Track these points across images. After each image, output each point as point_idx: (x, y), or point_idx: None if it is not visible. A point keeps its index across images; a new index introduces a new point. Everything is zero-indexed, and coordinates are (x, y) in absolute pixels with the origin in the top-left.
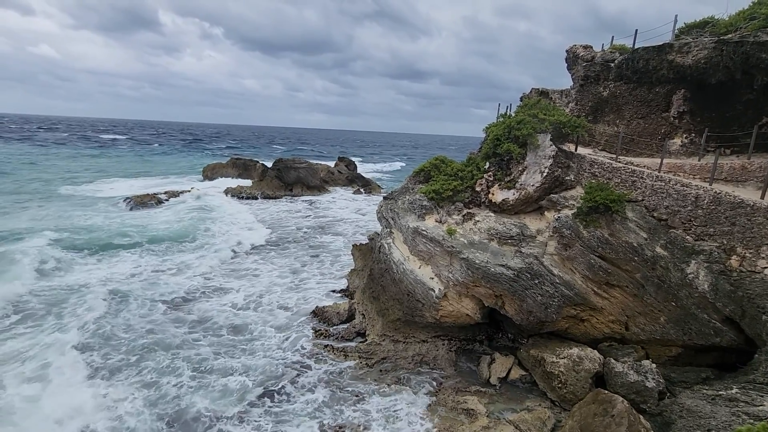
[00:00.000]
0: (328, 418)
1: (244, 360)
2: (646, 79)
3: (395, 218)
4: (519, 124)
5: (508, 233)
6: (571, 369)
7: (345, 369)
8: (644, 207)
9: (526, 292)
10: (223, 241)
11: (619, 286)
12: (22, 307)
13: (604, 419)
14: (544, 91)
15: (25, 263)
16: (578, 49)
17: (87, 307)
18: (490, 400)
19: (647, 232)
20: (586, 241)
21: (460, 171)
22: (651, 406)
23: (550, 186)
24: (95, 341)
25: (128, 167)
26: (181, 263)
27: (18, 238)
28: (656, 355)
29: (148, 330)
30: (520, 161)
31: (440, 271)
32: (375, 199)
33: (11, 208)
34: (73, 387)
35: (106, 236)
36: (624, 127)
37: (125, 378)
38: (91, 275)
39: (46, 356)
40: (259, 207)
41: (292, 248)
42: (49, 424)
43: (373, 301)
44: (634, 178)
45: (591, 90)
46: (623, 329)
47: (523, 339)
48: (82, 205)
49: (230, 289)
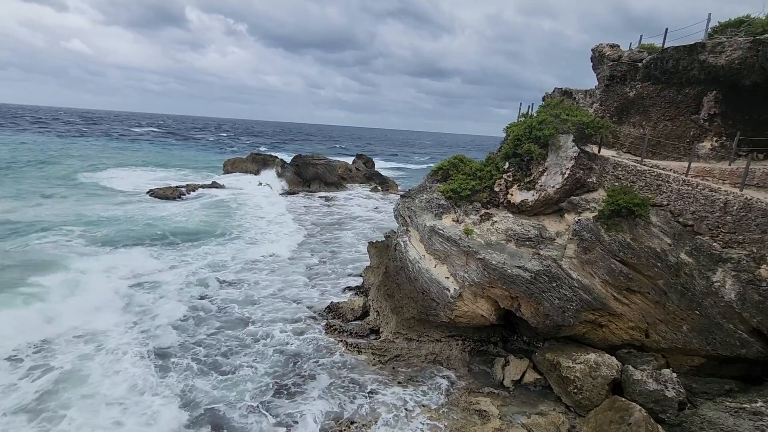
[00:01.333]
0: (339, 412)
1: (256, 353)
2: (676, 80)
3: (412, 216)
4: (541, 125)
5: (526, 235)
6: (587, 375)
7: (358, 365)
8: (669, 212)
9: (543, 295)
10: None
11: (640, 292)
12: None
13: (621, 427)
14: (568, 91)
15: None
16: (604, 48)
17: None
18: (503, 402)
19: (672, 237)
20: (606, 245)
21: (478, 171)
22: (670, 416)
23: (571, 188)
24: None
25: (167, 159)
26: (205, 255)
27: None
28: (677, 364)
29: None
30: (541, 162)
31: (456, 271)
32: (392, 197)
33: (69, 197)
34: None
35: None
36: (650, 129)
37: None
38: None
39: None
40: (276, 201)
41: (309, 244)
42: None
43: (387, 299)
44: (660, 181)
45: (616, 90)
46: (643, 336)
47: (539, 342)
48: (128, 202)
49: (245, 282)
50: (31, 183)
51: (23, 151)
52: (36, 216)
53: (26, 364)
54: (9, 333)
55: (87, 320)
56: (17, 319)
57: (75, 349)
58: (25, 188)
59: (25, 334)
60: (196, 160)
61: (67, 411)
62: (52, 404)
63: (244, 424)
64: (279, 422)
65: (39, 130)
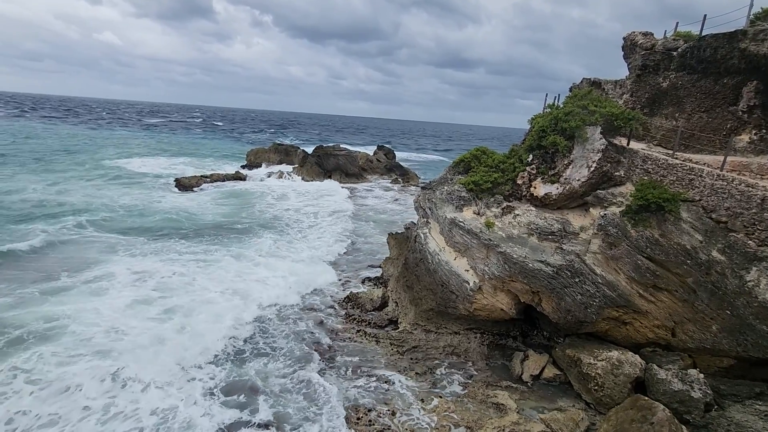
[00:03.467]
0: (356, 400)
1: (277, 342)
2: (713, 69)
3: (432, 208)
4: (567, 116)
5: (549, 229)
6: (609, 372)
7: (376, 355)
8: (701, 207)
9: (565, 291)
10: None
11: (667, 289)
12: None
13: (643, 426)
14: (596, 82)
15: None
16: (637, 36)
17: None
18: (521, 396)
19: (703, 234)
20: (633, 240)
21: (501, 163)
22: (696, 418)
23: (597, 181)
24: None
25: (195, 149)
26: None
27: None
28: (705, 364)
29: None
30: (566, 154)
31: (476, 264)
32: (412, 189)
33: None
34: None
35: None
36: (684, 121)
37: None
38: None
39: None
40: (298, 191)
41: (329, 233)
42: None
43: (406, 290)
44: (692, 176)
45: (649, 80)
46: (669, 335)
47: (559, 338)
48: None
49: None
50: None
51: (65, 140)
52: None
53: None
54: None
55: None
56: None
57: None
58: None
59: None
60: (220, 150)
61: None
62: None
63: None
64: (294, 409)
65: (90, 120)
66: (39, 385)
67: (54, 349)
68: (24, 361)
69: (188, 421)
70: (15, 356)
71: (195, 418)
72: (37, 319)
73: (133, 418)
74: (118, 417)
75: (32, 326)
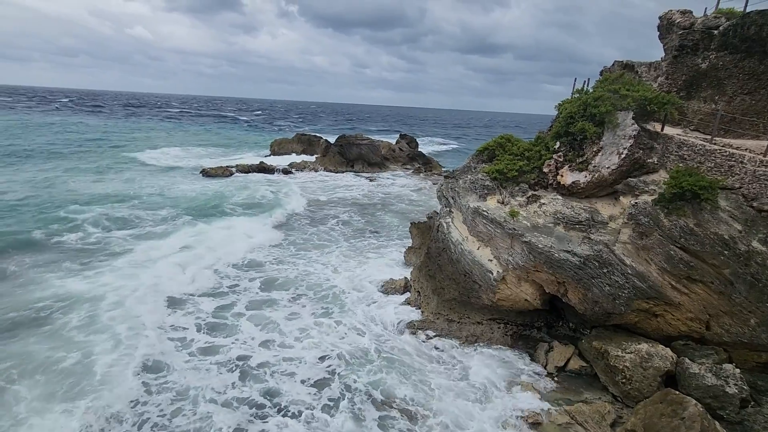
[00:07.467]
0: (379, 390)
1: (301, 334)
2: (758, 48)
3: (455, 197)
4: (597, 101)
5: (576, 218)
6: (638, 365)
7: (398, 343)
8: (741, 195)
9: (593, 281)
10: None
11: (702, 281)
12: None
13: (673, 420)
14: (629, 64)
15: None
16: (674, 14)
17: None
18: (546, 387)
19: (743, 223)
20: (666, 230)
21: (527, 150)
22: (730, 414)
23: (628, 169)
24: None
25: (220, 139)
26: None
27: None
28: (742, 359)
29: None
30: (596, 141)
31: (500, 254)
32: (435, 178)
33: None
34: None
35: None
36: (724, 105)
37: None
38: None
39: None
40: (323, 181)
41: (354, 223)
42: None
43: (429, 280)
44: (732, 162)
45: (686, 62)
46: (703, 329)
47: (586, 329)
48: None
49: (291, 262)
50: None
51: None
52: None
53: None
54: None
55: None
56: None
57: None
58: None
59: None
60: (245, 140)
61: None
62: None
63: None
64: (324, 397)
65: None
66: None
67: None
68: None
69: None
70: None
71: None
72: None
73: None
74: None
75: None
